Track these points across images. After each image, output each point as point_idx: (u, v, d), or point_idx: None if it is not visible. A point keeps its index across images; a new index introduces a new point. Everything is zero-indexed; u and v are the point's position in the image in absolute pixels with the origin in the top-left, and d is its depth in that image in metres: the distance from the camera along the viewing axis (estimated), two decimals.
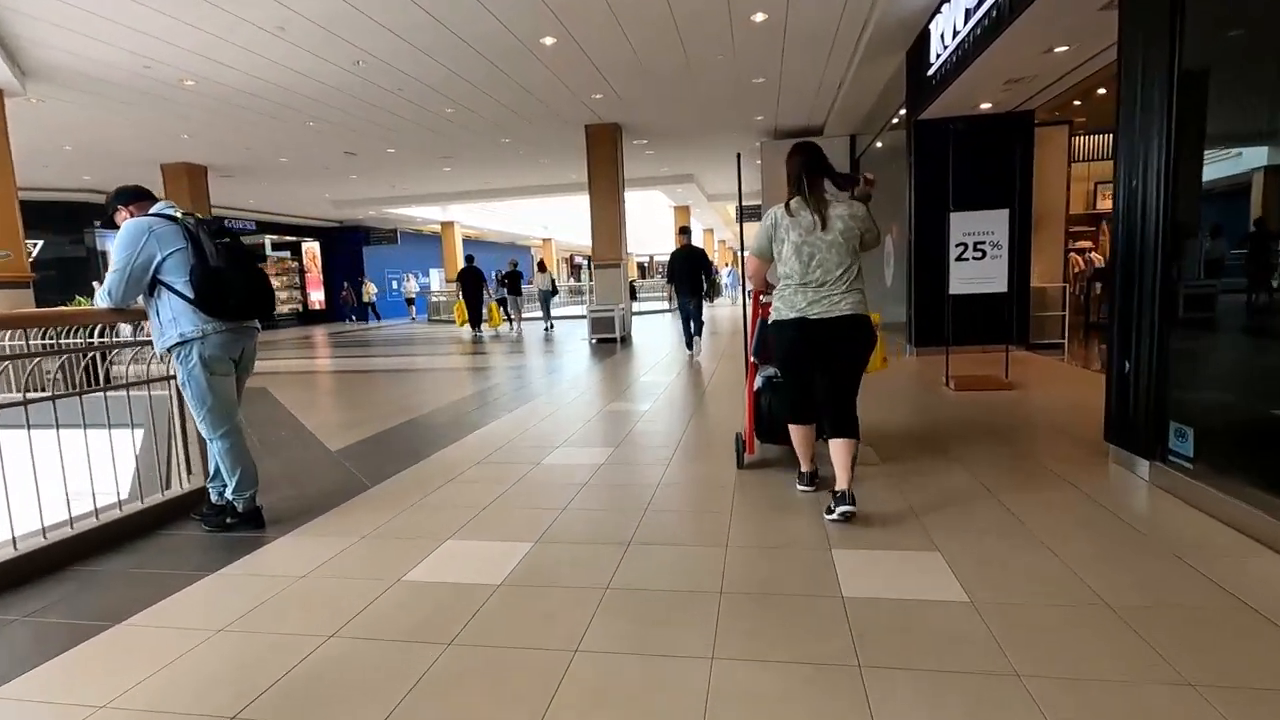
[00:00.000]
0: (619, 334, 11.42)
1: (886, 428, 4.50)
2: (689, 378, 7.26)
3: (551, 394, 6.52)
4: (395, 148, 12.61)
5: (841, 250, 2.89)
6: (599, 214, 11.83)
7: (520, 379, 7.65)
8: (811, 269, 2.90)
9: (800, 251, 2.90)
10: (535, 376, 7.81)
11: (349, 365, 10.22)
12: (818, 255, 2.89)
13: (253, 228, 20.91)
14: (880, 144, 11.30)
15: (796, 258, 2.91)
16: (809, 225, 2.90)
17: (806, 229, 2.91)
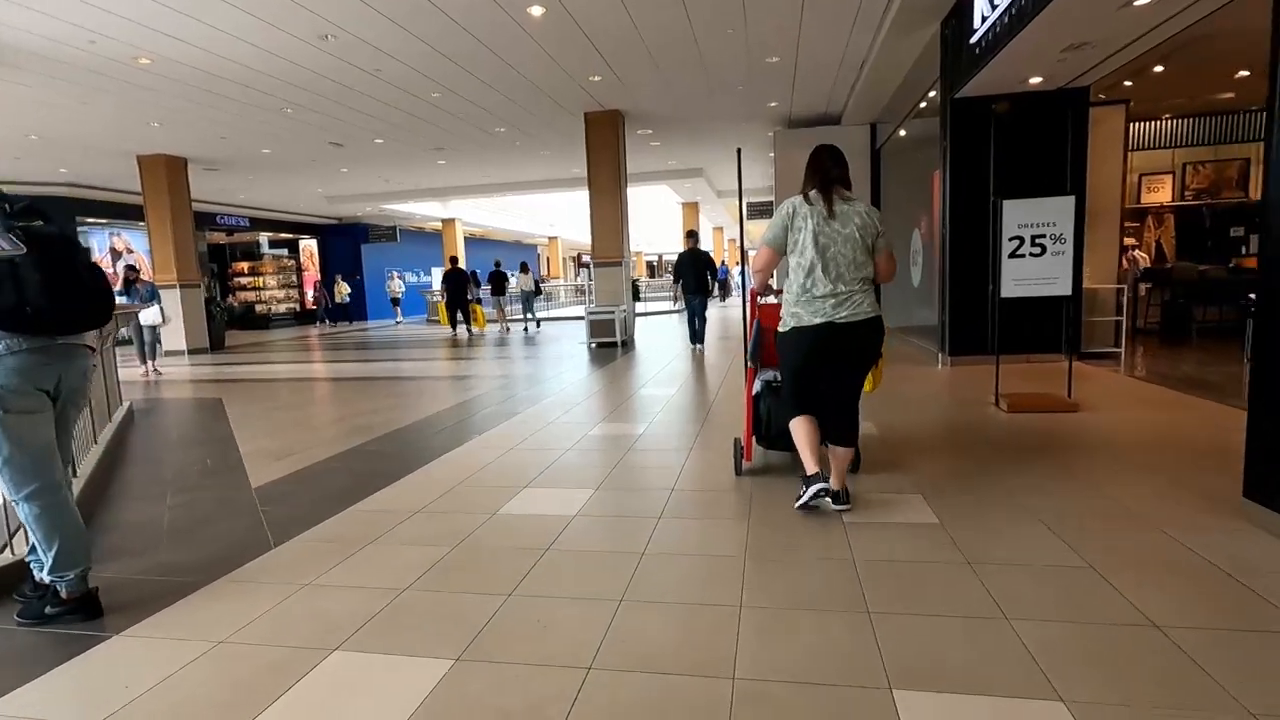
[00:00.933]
0: (620, 338, 10.57)
1: (929, 462, 3.62)
2: (694, 389, 6.41)
3: (533, 412, 5.67)
4: (383, 137, 11.82)
5: (858, 247, 2.81)
6: (599, 208, 10.98)
7: (502, 391, 6.81)
8: (829, 261, 2.80)
9: (817, 241, 2.80)
10: (519, 388, 6.97)
11: (322, 372, 9.44)
12: (833, 248, 2.80)
13: (246, 224, 20.24)
14: (904, 132, 10.38)
15: (814, 246, 2.80)
16: (825, 215, 2.83)
17: (823, 218, 2.82)
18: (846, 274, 2.79)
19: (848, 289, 2.79)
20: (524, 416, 5.47)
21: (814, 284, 2.80)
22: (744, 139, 13.27)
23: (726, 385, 6.55)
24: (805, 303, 2.83)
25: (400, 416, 5.67)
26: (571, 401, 6.04)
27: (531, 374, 7.96)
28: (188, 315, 12.73)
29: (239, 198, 18.06)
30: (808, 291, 2.82)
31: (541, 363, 9.07)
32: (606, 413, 5.51)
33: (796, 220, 2.84)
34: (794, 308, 2.88)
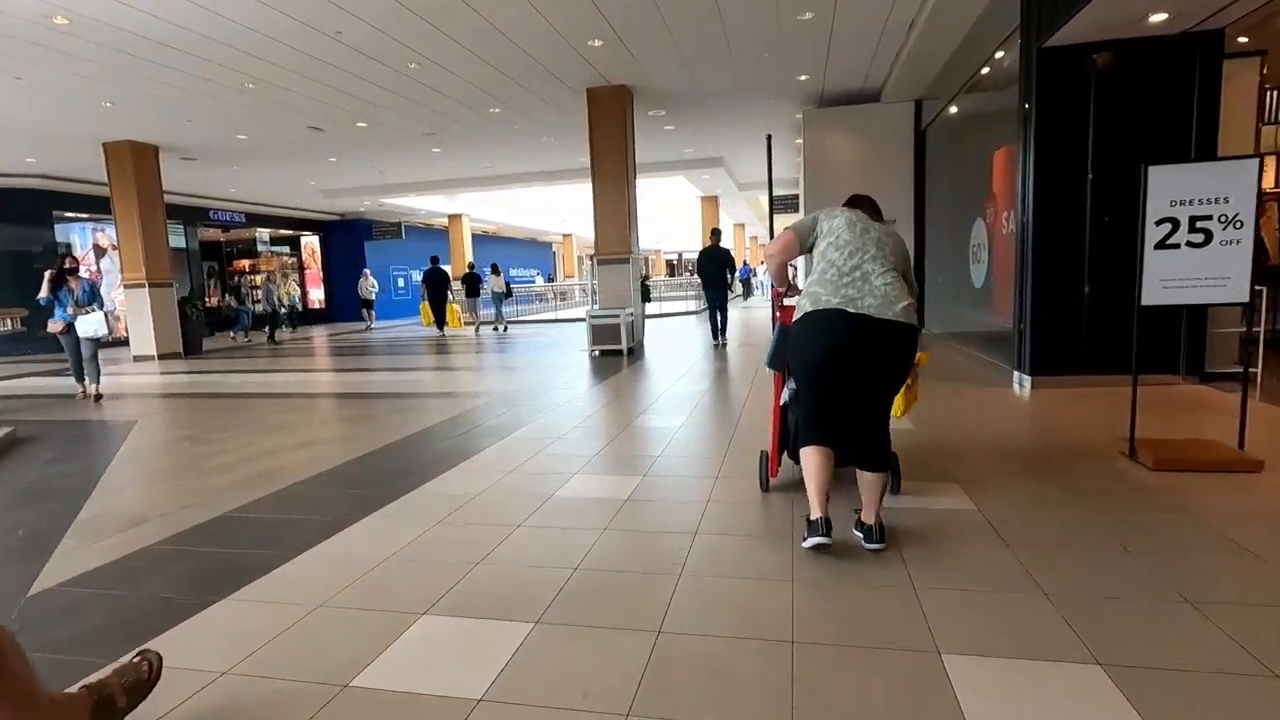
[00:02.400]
0: (625, 345, 9.26)
1: (1060, 577, 2.24)
2: (711, 413, 5.08)
3: (492, 453, 4.37)
4: (365, 120, 10.63)
5: (889, 254, 2.53)
6: (604, 196, 9.67)
7: (468, 418, 5.54)
8: (862, 244, 2.52)
9: (854, 224, 2.59)
10: (493, 413, 5.70)
11: (281, 384, 8.25)
12: (875, 233, 2.57)
13: (241, 220, 19.27)
14: (955, 109, 8.94)
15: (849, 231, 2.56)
16: (854, 220, 2.62)
17: (852, 222, 2.60)
18: (879, 264, 2.48)
19: (880, 279, 2.44)
20: (480, 460, 4.17)
21: (841, 261, 2.50)
22: (769, 122, 11.87)
23: (751, 406, 5.21)
24: (827, 282, 2.49)
25: (327, 454, 4.41)
26: (551, 434, 4.74)
27: (515, 390, 6.68)
28: (158, 317, 11.67)
29: (230, 191, 17.06)
30: (834, 265, 2.51)
31: (531, 374, 7.80)
32: (591, 452, 4.19)
33: (830, 216, 2.67)
34: (812, 287, 2.53)
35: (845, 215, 2.64)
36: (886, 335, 2.39)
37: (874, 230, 2.59)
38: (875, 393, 2.53)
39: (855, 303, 2.41)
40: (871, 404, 2.55)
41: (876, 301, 2.39)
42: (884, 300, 2.40)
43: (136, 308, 11.63)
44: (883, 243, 2.56)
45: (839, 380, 2.49)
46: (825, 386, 2.54)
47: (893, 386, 2.53)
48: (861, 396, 2.53)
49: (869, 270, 2.46)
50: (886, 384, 2.52)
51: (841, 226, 2.59)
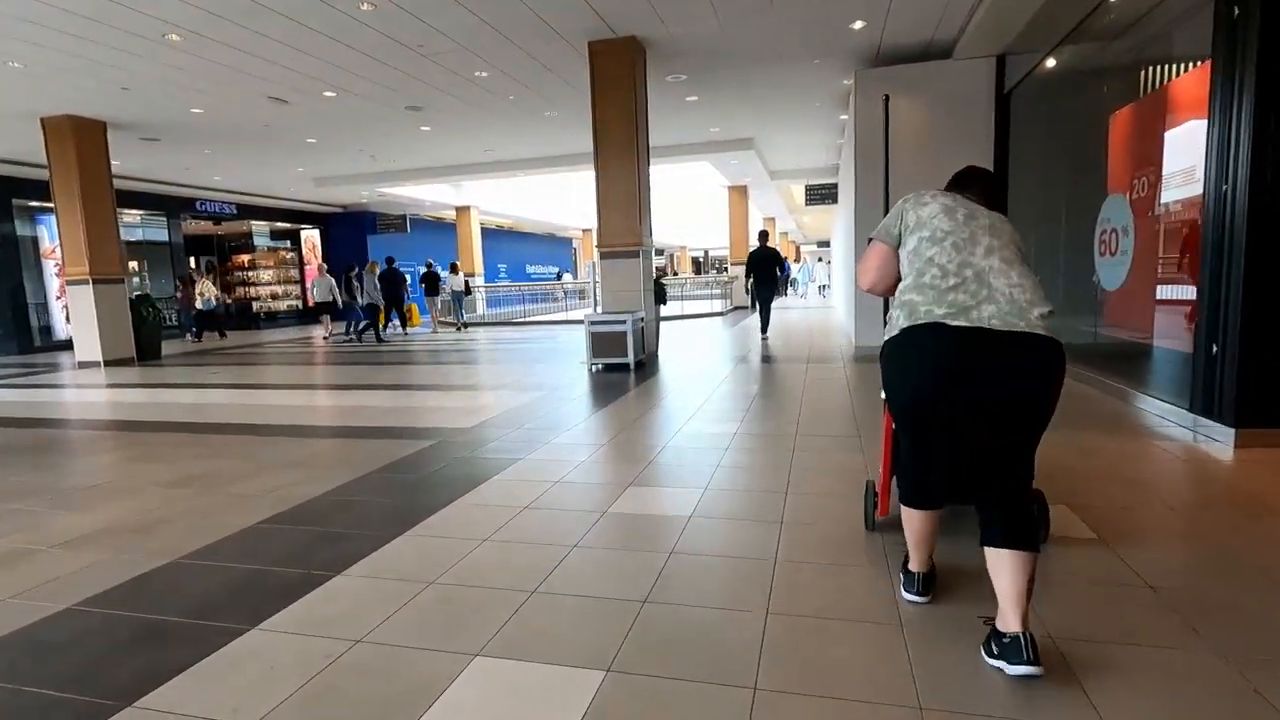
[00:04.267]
0: (633, 358, 7.50)
1: None
2: (754, 480, 3.29)
3: (399, 551, 2.68)
4: (333, 89, 9.03)
5: (1008, 242, 1.89)
6: (607, 176, 7.93)
7: (390, 475, 3.85)
8: (962, 246, 1.85)
9: (955, 211, 1.92)
10: (437, 460, 4.00)
11: (207, 404, 6.67)
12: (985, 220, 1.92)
13: (232, 211, 17.93)
14: (1054, 62, 7.01)
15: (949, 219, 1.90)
16: (952, 205, 1.95)
17: (949, 207, 1.94)
18: (997, 257, 1.82)
19: (1002, 277, 1.79)
20: (365, 571, 2.46)
21: (943, 258, 1.84)
22: (810, 91, 10.01)
23: (811, 473, 3.42)
24: (926, 287, 1.83)
25: (136, 560, 2.74)
26: (497, 519, 3.01)
27: (483, 426, 4.97)
28: (106, 318, 10.23)
29: (214, 179, 15.68)
30: (933, 264, 1.85)
31: (509, 397, 6.09)
32: (551, 557, 2.45)
33: (919, 203, 1.99)
34: (907, 295, 1.88)
35: (940, 200, 1.99)
36: (1021, 355, 1.72)
37: (982, 216, 1.94)
38: (1012, 438, 1.80)
39: (969, 312, 1.76)
40: (1008, 455, 1.81)
41: (1002, 308, 1.75)
42: (1012, 306, 1.75)
43: (79, 308, 10.20)
44: (998, 230, 1.91)
45: (953, 421, 1.84)
46: (932, 430, 1.93)
47: (1037, 428, 1.80)
48: (990, 445, 1.81)
49: (984, 267, 1.81)
50: (1028, 425, 1.79)
51: (936, 214, 1.94)
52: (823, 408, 5.09)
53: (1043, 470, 3.29)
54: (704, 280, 24.83)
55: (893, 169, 8.41)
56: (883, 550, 2.49)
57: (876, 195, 8.52)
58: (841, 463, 3.63)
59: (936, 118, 8.30)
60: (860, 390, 5.79)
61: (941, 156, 8.30)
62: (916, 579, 2.10)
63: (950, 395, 1.79)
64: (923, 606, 2.09)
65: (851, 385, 6.07)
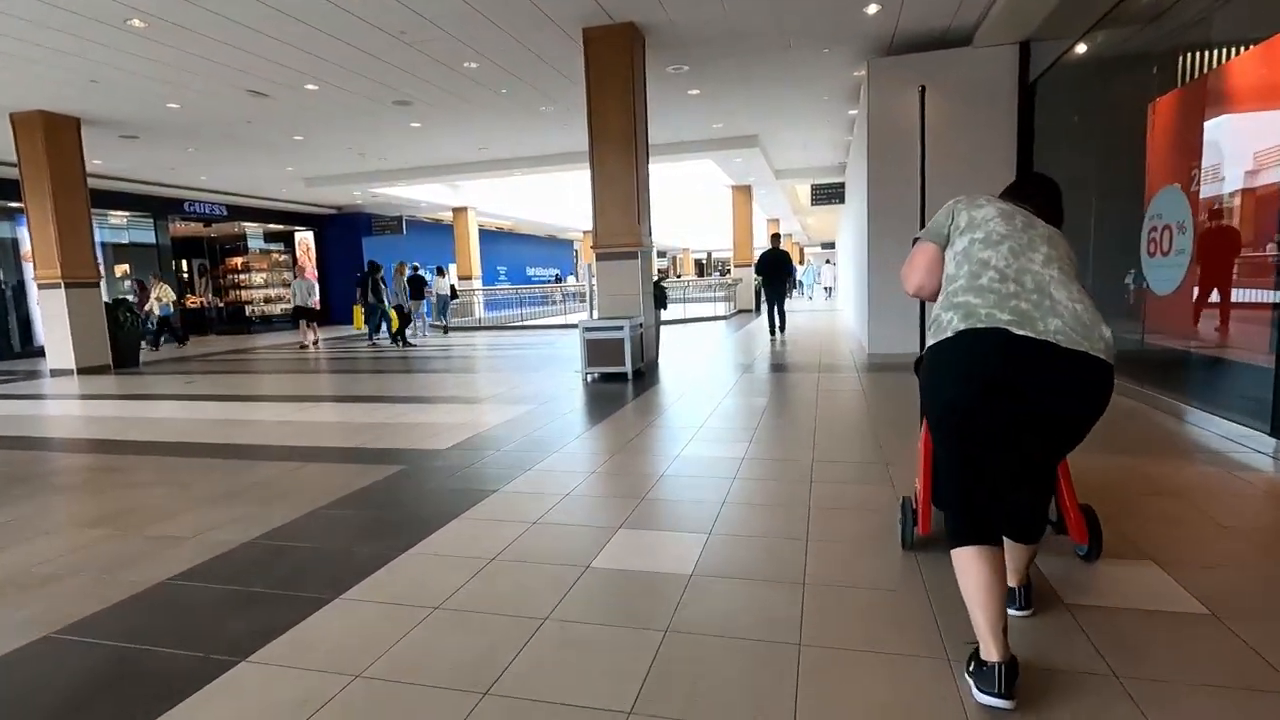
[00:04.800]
0: (630, 366, 6.98)
1: None
2: (768, 493, 2.77)
3: (307, 635, 2.16)
4: (315, 81, 8.54)
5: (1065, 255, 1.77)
6: (604, 172, 7.42)
7: (359, 510, 3.33)
8: (1020, 254, 1.73)
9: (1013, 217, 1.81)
10: (387, 498, 3.48)
11: (153, 418, 6.17)
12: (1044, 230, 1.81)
13: (222, 213, 17.46)
14: (1084, 48, 6.49)
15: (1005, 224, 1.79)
16: (1009, 211, 1.84)
17: (1007, 213, 1.83)
18: (1055, 268, 1.70)
19: (1063, 290, 1.66)
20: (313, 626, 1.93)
21: (1001, 262, 1.71)
22: (819, 81, 9.49)
23: (828, 496, 2.89)
24: (984, 290, 1.68)
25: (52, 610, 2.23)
26: (460, 566, 2.48)
27: (460, 448, 4.45)
28: (79, 324, 9.74)
29: (201, 179, 15.20)
30: (989, 267, 1.71)
31: (493, 411, 5.57)
32: (518, 626, 1.92)
33: (973, 204, 1.87)
34: (961, 297, 1.71)
35: (996, 204, 1.87)
36: (1078, 374, 1.61)
37: (1040, 226, 1.82)
38: (1049, 456, 1.81)
39: (1034, 323, 1.61)
40: (1039, 471, 1.85)
41: (1066, 322, 1.61)
42: (1077, 323, 1.62)
43: (52, 312, 9.72)
44: (1055, 242, 1.78)
45: (1006, 437, 1.69)
46: (978, 444, 1.72)
47: (1069, 448, 1.78)
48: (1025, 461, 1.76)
49: (1045, 277, 1.68)
50: (1066, 444, 1.77)
51: (993, 217, 1.81)
52: (840, 426, 4.55)
53: (1116, 507, 2.81)
54: (707, 283, 24.27)
55: (907, 162, 7.88)
56: (936, 625, 1.96)
57: (892, 192, 7.99)
58: (869, 498, 3.09)
59: (955, 109, 7.77)
60: (879, 404, 5.25)
61: (960, 149, 7.78)
62: (997, 674, 1.58)
63: (995, 405, 1.66)
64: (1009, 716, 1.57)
65: (869, 398, 5.54)
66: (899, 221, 7.97)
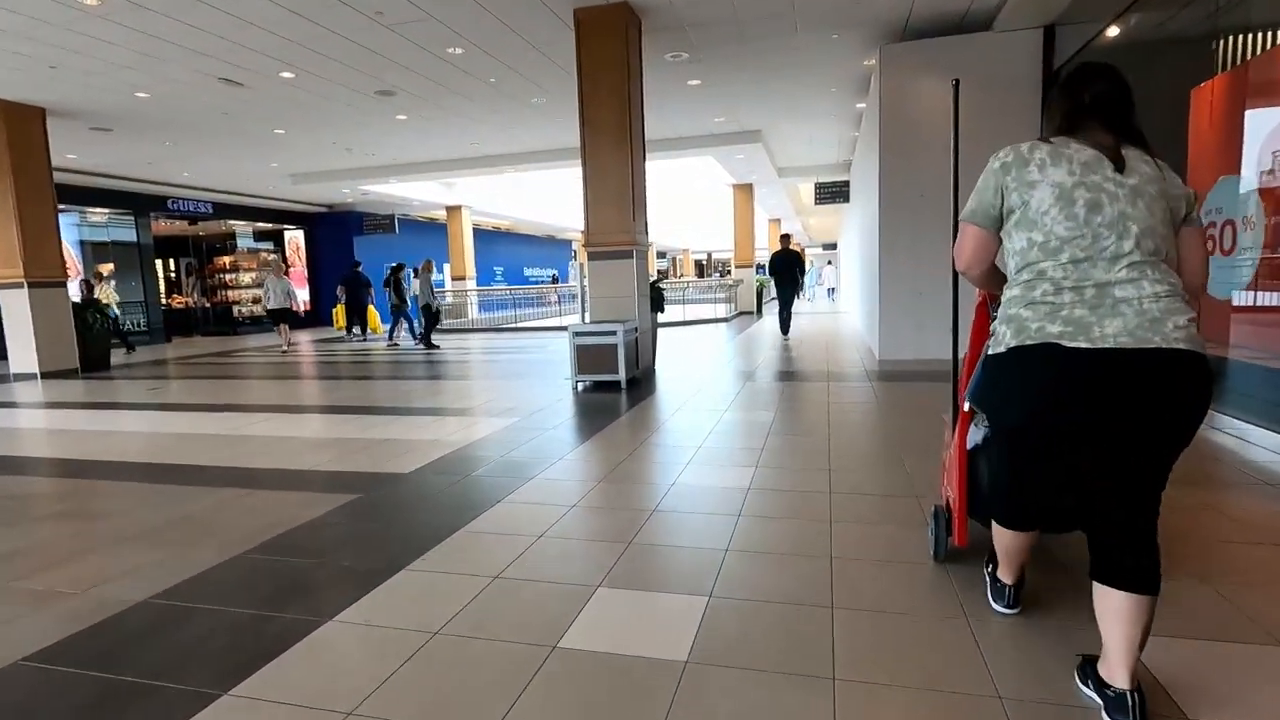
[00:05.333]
0: (625, 374, 6.45)
1: None
2: (780, 536, 2.25)
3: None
4: (290, 69, 8.01)
5: (1155, 209, 1.46)
6: (596, 165, 6.90)
7: (313, 550, 2.81)
8: (1100, 231, 1.46)
9: (1074, 199, 1.48)
10: (325, 540, 2.96)
11: (109, 431, 5.65)
12: (1114, 206, 1.46)
13: (208, 210, 16.94)
14: (1116, 30, 5.98)
15: (1064, 212, 1.48)
16: (1091, 162, 1.50)
17: (1086, 166, 1.49)
18: (1138, 252, 1.44)
19: (1135, 284, 1.43)
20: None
21: (1061, 276, 1.49)
22: (827, 71, 8.97)
23: (853, 542, 2.37)
24: (1035, 301, 1.51)
25: None
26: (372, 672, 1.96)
27: (425, 472, 3.94)
28: (44, 326, 9.22)
29: (184, 175, 14.67)
30: (1047, 279, 1.50)
31: (470, 426, 5.04)
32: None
33: (1025, 172, 1.54)
34: (1013, 309, 1.56)
35: (1052, 174, 1.50)
36: (1156, 376, 1.39)
37: (1114, 186, 1.47)
38: (1140, 469, 1.49)
39: (1089, 330, 1.43)
40: (1134, 486, 1.50)
41: (1129, 322, 1.41)
42: (1142, 318, 1.40)
43: (14, 314, 9.19)
44: (1140, 195, 1.46)
45: (1067, 451, 1.59)
46: (1041, 458, 1.65)
47: (1170, 458, 1.49)
48: (1111, 475, 1.51)
49: (1109, 280, 1.44)
50: (1159, 456, 1.48)
51: (1049, 207, 1.50)
52: (858, 446, 4.03)
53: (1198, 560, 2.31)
54: (707, 284, 23.74)
55: (921, 157, 7.37)
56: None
57: (905, 187, 7.47)
58: (904, 544, 2.57)
59: (973, 98, 7.22)
60: (899, 420, 4.73)
61: (979, 141, 7.24)
62: (1007, 592, 1.98)
63: (1064, 422, 1.52)
64: None
65: (886, 413, 5.01)
66: (912, 217, 7.46)
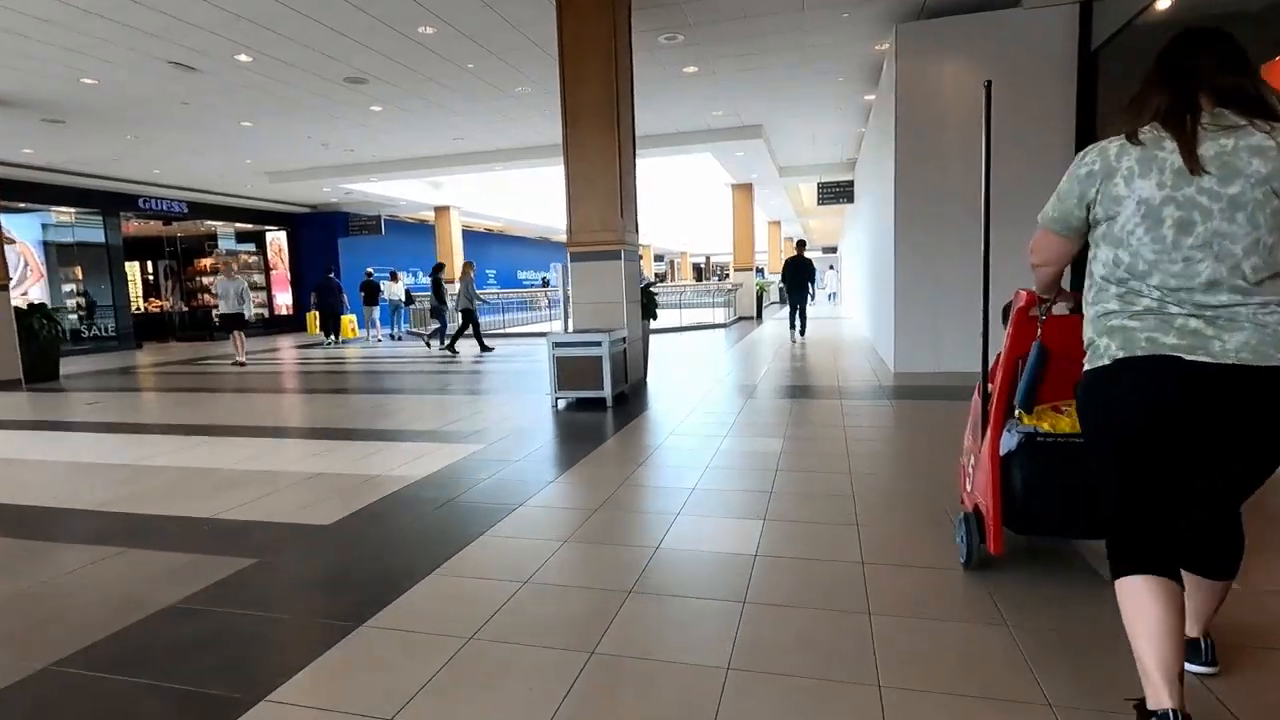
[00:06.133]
0: (611, 390, 5.70)
1: None
2: (803, 634, 1.53)
3: None
4: (246, 51, 7.28)
5: (1262, 217, 1.31)
6: (579, 157, 6.16)
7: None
8: (1191, 254, 1.34)
9: (1162, 218, 1.36)
10: (198, 630, 2.22)
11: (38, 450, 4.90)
12: (1207, 225, 1.33)
13: (183, 210, 16.19)
14: (1167, 3, 5.26)
15: (1150, 234, 1.38)
16: (1177, 168, 1.34)
17: (1179, 175, 1.35)
18: (1238, 269, 1.32)
19: (1238, 300, 1.32)
20: None
21: (1156, 288, 1.38)
22: (835, 56, 8.26)
23: (904, 646, 1.65)
24: (1141, 313, 1.40)
25: None
26: None
27: (351, 522, 3.20)
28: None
29: (154, 173, 13.92)
30: (1142, 296, 1.40)
31: (426, 455, 4.30)
32: None
33: (1111, 184, 1.41)
34: (1114, 321, 1.44)
35: (1141, 185, 1.36)
36: (1262, 390, 1.31)
37: (1224, 190, 1.31)
38: (1243, 480, 1.47)
39: (1210, 344, 1.32)
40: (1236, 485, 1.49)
41: (1251, 337, 1.31)
42: (1262, 333, 1.30)
43: None
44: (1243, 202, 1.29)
45: (1180, 469, 1.44)
46: (1157, 473, 1.43)
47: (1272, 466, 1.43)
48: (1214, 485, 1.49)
49: (1228, 285, 1.32)
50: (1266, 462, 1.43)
51: (1135, 224, 1.38)
52: (889, 499, 3.28)
53: None
54: (705, 288, 22.97)
55: (942, 148, 6.65)
56: None
57: (923, 182, 6.75)
58: (978, 656, 1.83)
59: (999, 83, 6.51)
60: (931, 450, 3.99)
61: (1006, 131, 6.54)
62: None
63: (1179, 438, 1.39)
64: None
65: (912, 441, 4.27)
66: (931, 214, 6.73)
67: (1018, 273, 2.22)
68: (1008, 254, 6.22)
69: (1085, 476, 1.95)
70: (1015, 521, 2.18)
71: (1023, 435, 2.13)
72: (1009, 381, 2.17)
